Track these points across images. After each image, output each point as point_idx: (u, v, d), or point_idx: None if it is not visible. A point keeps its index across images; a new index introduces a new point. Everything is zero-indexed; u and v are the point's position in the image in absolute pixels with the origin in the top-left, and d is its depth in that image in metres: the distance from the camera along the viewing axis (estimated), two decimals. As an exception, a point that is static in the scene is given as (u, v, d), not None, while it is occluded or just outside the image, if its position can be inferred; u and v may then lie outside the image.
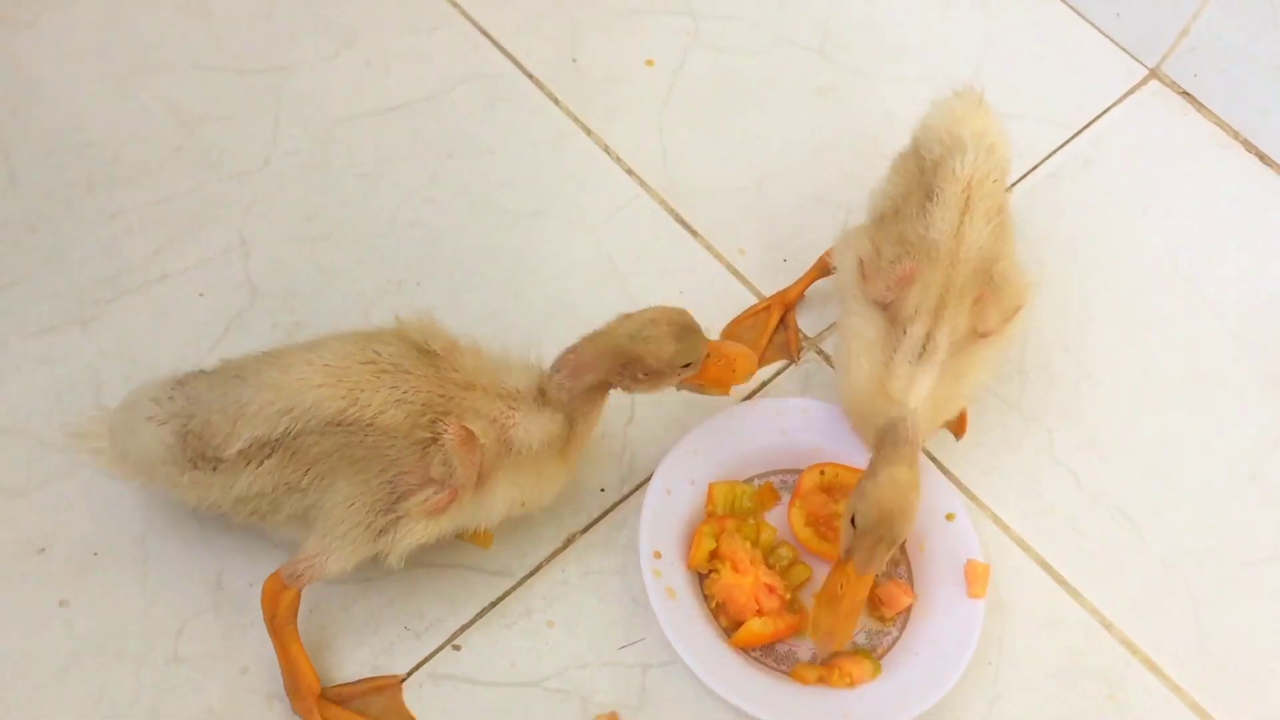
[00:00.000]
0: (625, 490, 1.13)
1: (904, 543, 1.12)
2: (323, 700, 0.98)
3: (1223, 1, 1.40)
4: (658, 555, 1.05)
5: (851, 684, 1.04)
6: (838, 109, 1.39)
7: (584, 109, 1.33)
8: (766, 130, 1.37)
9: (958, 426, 1.21)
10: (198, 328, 1.15)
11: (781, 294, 1.23)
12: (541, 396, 0.98)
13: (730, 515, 1.10)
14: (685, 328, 0.98)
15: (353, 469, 0.93)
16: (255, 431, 0.92)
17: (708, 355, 1.01)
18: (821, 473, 1.13)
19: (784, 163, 1.34)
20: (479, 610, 1.05)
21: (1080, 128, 1.45)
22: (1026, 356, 1.27)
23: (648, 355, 0.97)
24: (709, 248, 1.27)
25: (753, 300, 1.25)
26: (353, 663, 1.01)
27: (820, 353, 1.24)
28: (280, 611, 0.96)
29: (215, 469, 0.94)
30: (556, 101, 1.33)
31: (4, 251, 1.13)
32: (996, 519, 1.18)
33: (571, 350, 0.98)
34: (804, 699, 1.03)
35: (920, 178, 1.12)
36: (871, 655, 1.07)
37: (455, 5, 1.38)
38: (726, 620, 1.06)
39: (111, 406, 0.99)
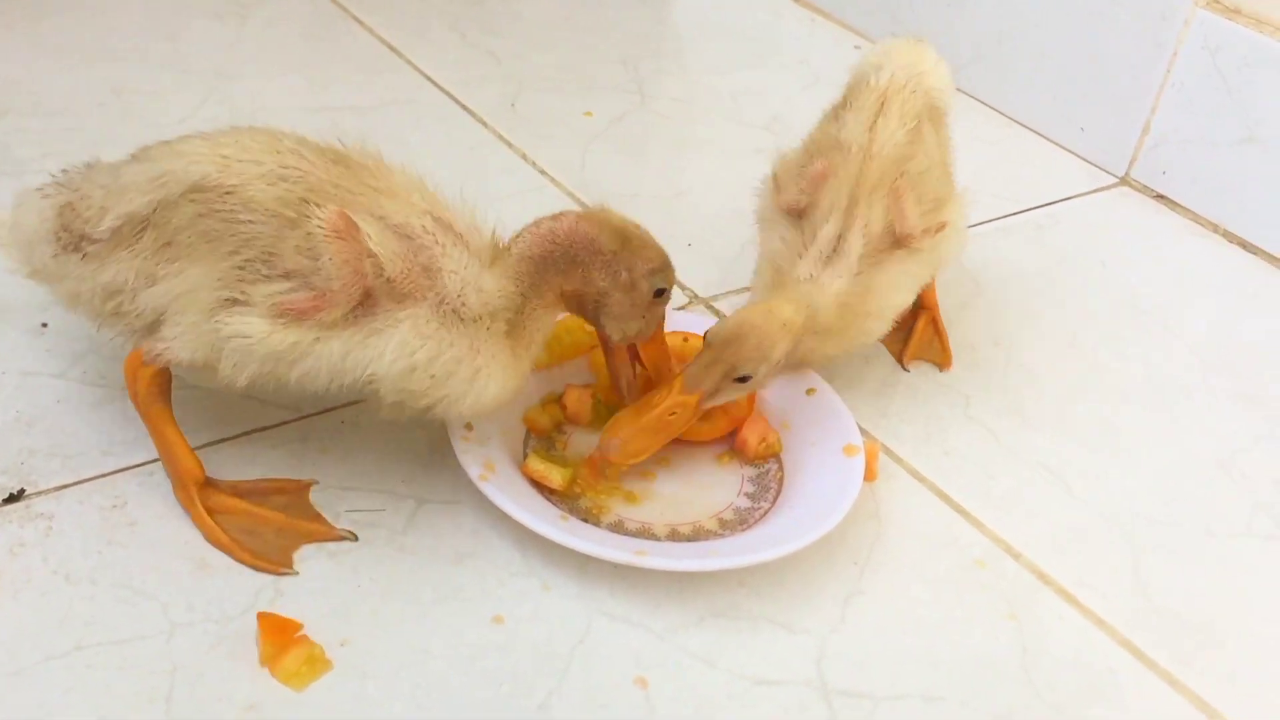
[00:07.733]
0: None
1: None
2: (207, 488, 0.84)
3: (1176, 89, 1.39)
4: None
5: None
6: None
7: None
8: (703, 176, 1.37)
9: (943, 356, 1.11)
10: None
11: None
12: (491, 256, 0.82)
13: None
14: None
15: (207, 248, 0.77)
16: (130, 206, 0.79)
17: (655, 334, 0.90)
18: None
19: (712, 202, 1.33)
20: (245, 430, 0.93)
21: (1039, 204, 1.40)
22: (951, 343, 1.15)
23: (642, 251, 0.84)
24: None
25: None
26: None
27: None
28: (143, 389, 0.83)
29: (84, 255, 0.81)
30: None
31: None
32: (888, 450, 1.00)
33: (554, 217, 0.83)
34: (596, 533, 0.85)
35: (837, 111, 1.02)
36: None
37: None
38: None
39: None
